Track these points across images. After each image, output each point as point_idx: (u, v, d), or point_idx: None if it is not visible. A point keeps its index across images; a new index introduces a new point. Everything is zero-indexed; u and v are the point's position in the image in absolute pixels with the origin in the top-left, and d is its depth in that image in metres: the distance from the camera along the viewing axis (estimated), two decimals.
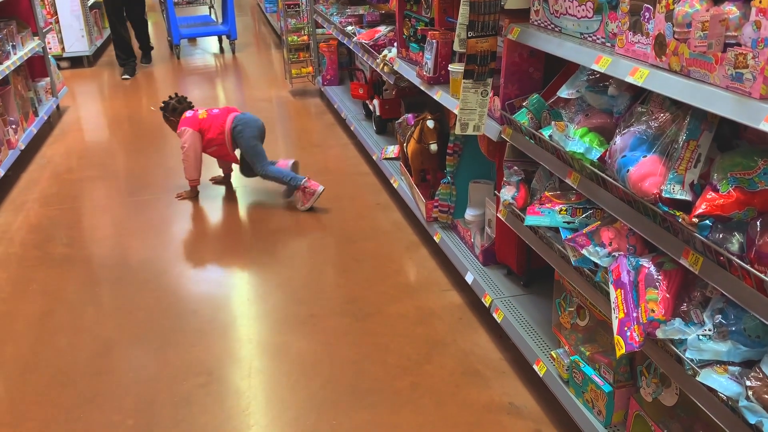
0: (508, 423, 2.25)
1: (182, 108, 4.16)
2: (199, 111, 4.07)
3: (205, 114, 4.03)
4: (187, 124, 4.01)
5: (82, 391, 2.49)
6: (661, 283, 1.63)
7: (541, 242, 2.20)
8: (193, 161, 4.02)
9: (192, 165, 4.04)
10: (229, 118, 3.98)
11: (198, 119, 4.01)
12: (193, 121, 4.01)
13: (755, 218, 1.39)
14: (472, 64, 2.29)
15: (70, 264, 3.45)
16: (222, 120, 3.98)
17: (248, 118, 4.01)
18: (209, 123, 3.98)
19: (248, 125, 3.96)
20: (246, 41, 9.65)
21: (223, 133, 3.96)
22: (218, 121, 3.98)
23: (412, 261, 3.37)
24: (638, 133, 1.68)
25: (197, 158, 4.03)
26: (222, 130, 3.96)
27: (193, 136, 3.97)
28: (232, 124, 3.95)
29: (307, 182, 3.88)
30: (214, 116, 4.01)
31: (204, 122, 3.99)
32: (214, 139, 3.99)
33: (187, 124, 4.01)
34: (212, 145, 4.03)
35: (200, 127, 3.99)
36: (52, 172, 4.75)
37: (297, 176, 3.93)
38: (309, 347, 2.71)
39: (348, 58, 6.14)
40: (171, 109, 4.18)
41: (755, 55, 1.31)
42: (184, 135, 3.98)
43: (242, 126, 3.95)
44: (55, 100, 5.90)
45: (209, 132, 3.98)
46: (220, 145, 4.01)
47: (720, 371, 1.44)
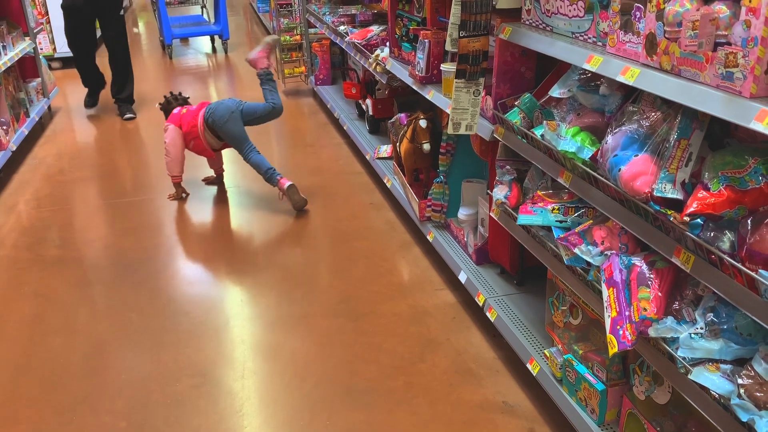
0: (502, 422, 2.26)
1: (176, 105, 4.19)
2: (184, 108, 4.09)
3: (185, 110, 4.05)
4: (171, 120, 4.06)
5: (74, 393, 2.48)
6: (653, 282, 1.63)
7: (533, 241, 2.21)
8: (173, 157, 4.02)
9: (172, 161, 4.04)
10: (202, 110, 3.97)
11: (179, 115, 4.04)
12: (176, 117, 4.05)
13: (746, 217, 1.40)
14: (464, 64, 2.29)
15: (62, 266, 3.44)
16: (195, 113, 3.98)
17: (216, 106, 3.94)
18: (185, 117, 4.00)
19: (216, 112, 3.90)
20: (238, 41, 9.63)
21: (196, 126, 3.95)
22: (192, 114, 3.99)
23: (405, 260, 3.37)
24: (630, 132, 1.69)
25: (177, 154, 4.03)
26: (195, 123, 3.96)
27: (174, 132, 3.99)
28: (204, 116, 3.94)
29: (278, 181, 3.88)
30: (189, 112, 4.02)
31: (183, 117, 4.02)
32: (189, 132, 3.99)
33: (171, 120, 4.06)
34: (189, 140, 4.03)
35: (180, 123, 4.01)
36: (43, 174, 4.73)
37: (274, 174, 3.90)
38: (302, 347, 2.70)
39: (340, 58, 6.13)
40: (165, 105, 4.26)
41: (745, 54, 1.32)
42: (167, 131, 4.02)
43: (211, 116, 3.91)
44: (46, 100, 5.87)
45: (185, 126, 3.99)
46: (195, 138, 4.00)
47: (712, 369, 1.45)
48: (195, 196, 4.21)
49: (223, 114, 3.88)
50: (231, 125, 3.88)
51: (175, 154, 4.02)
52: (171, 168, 4.08)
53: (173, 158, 4.03)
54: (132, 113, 5.89)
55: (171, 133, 3.99)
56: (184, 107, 4.12)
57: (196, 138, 4.00)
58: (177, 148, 4.01)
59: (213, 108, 3.92)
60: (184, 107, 4.12)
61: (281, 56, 6.49)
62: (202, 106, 4.02)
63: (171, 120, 4.05)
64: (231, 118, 3.87)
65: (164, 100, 4.28)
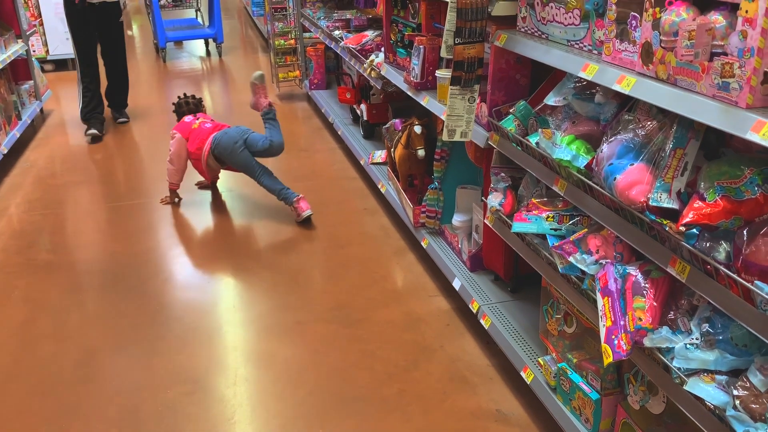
0: (495, 430, 2.25)
1: (186, 110, 4.17)
2: (197, 119, 4.05)
3: (197, 125, 4.00)
4: (179, 129, 4.02)
5: (64, 401, 2.45)
6: (649, 291, 1.63)
7: (528, 249, 2.20)
8: (176, 166, 4.01)
9: (174, 169, 4.03)
10: (210, 138, 3.90)
11: (190, 128, 4.00)
12: (185, 128, 4.01)
13: (742, 227, 1.40)
14: (459, 71, 2.28)
15: (53, 270, 3.41)
16: (205, 137, 3.92)
17: (221, 137, 3.87)
18: (195, 135, 3.96)
19: (221, 144, 3.85)
20: (232, 44, 9.61)
21: (201, 150, 3.92)
22: (201, 136, 3.94)
23: (399, 266, 3.35)
24: (625, 141, 1.68)
25: (180, 164, 4.01)
26: (201, 146, 3.92)
27: (180, 143, 3.97)
28: (211, 146, 3.89)
29: (296, 203, 3.80)
30: (201, 130, 3.97)
31: (193, 132, 3.98)
32: (193, 153, 3.97)
33: (179, 129, 4.02)
34: (191, 158, 4.01)
35: (188, 136, 3.98)
36: (35, 177, 4.69)
37: (289, 193, 3.83)
38: (295, 354, 2.68)
39: (335, 63, 6.12)
40: (177, 107, 4.24)
41: (741, 65, 1.32)
42: (173, 140, 3.99)
43: (217, 147, 3.87)
44: (38, 103, 5.84)
45: (191, 144, 3.96)
46: (197, 160, 3.99)
47: (707, 380, 1.44)
48: (188, 201, 4.19)
49: (227, 145, 3.85)
50: (237, 156, 3.86)
51: (178, 164, 4.00)
52: (171, 176, 4.05)
53: (176, 168, 4.01)
54: (125, 117, 5.80)
55: (177, 143, 3.96)
56: (197, 118, 4.07)
57: (198, 161, 3.98)
58: (181, 159, 3.99)
59: (218, 139, 3.88)
60: (197, 118, 4.07)
61: (276, 60, 6.48)
62: (215, 129, 3.96)
63: (180, 129, 4.00)
64: (235, 148, 3.84)
65: (177, 102, 4.25)
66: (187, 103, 4.23)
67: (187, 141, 3.97)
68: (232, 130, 3.92)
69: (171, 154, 3.98)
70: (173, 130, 4.04)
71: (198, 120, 4.05)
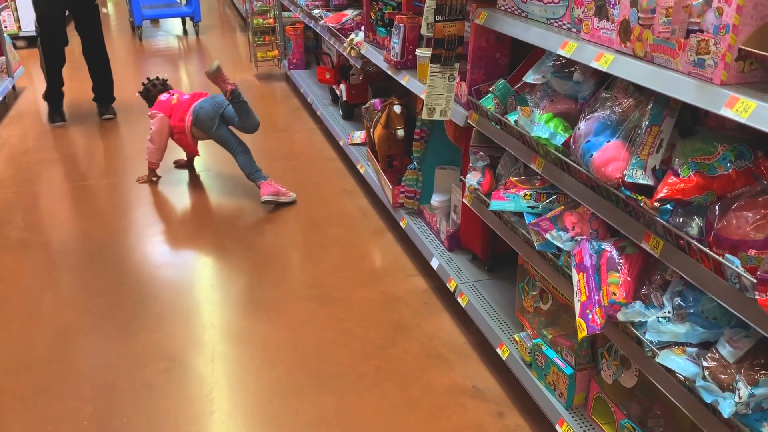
0: (471, 405, 2.27)
1: (156, 91, 4.09)
2: (174, 95, 4.00)
3: (176, 100, 3.96)
4: (159, 108, 3.96)
5: (38, 379, 2.43)
6: (623, 267, 1.65)
7: (505, 227, 2.22)
8: (156, 145, 3.96)
9: (155, 148, 3.98)
10: (190, 109, 3.88)
11: (170, 105, 3.94)
12: (165, 106, 3.95)
13: (714, 202, 1.42)
14: (439, 49, 2.28)
15: (26, 248, 3.35)
16: (186, 108, 3.89)
17: (199, 110, 3.84)
18: (176, 109, 3.92)
19: (200, 118, 3.83)
20: (210, 23, 9.48)
21: (183, 122, 3.88)
22: (182, 108, 3.91)
23: (377, 247, 3.36)
24: (602, 118, 1.70)
25: (161, 143, 3.96)
26: (183, 118, 3.89)
27: (162, 121, 3.91)
28: (191, 117, 3.86)
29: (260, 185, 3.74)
30: (180, 103, 3.93)
31: (174, 108, 3.93)
32: (176, 126, 3.93)
33: (159, 108, 3.96)
34: (175, 132, 3.96)
35: (170, 113, 3.93)
36: (7, 154, 4.60)
37: (258, 175, 3.78)
38: (273, 333, 2.68)
39: (314, 42, 6.07)
40: (144, 92, 4.15)
41: (717, 42, 1.33)
42: (155, 119, 3.93)
43: (197, 119, 3.84)
44: (10, 80, 5.71)
45: (172, 119, 3.92)
46: (181, 133, 3.94)
47: (678, 352, 1.47)
48: (165, 180, 4.14)
49: (205, 121, 3.82)
50: (214, 132, 3.83)
51: (159, 143, 3.95)
52: (152, 155, 4.00)
53: (157, 147, 3.96)
54: (112, 113, 5.34)
55: (159, 122, 3.90)
56: (173, 94, 4.01)
57: (182, 133, 3.93)
58: (162, 138, 3.94)
59: (197, 113, 3.84)
60: (173, 94, 4.01)
61: (254, 39, 6.40)
62: (194, 99, 3.92)
63: (159, 108, 3.94)
64: (212, 125, 3.82)
65: (143, 88, 4.17)
66: (154, 85, 4.15)
67: (170, 118, 3.92)
68: (208, 103, 3.87)
69: (152, 132, 3.92)
70: (152, 110, 3.97)
71: (175, 96, 4.00)
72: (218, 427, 2.21)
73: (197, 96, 3.97)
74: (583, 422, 1.96)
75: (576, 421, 1.96)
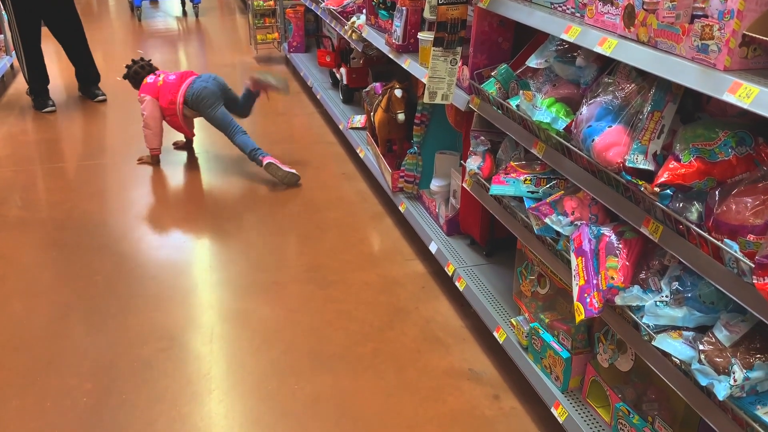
0: (468, 388, 2.29)
1: (144, 73, 4.03)
2: (160, 76, 3.95)
3: (162, 81, 3.91)
4: (147, 91, 3.91)
5: (37, 356, 2.44)
6: (622, 252, 1.66)
7: (504, 212, 2.23)
8: (154, 130, 3.92)
9: (152, 133, 3.94)
10: (181, 89, 3.84)
11: (156, 87, 3.90)
12: (152, 88, 3.90)
13: (714, 188, 1.43)
14: (442, 32, 2.28)
15: (24, 227, 3.35)
16: (175, 89, 3.85)
17: (201, 90, 3.81)
18: (164, 91, 3.88)
19: (202, 95, 3.80)
20: (210, 5, 9.42)
21: (174, 104, 3.85)
22: (170, 89, 3.86)
23: (376, 230, 3.37)
24: (604, 103, 1.70)
25: (157, 126, 3.93)
26: (173, 99, 3.84)
27: (152, 104, 3.87)
28: (183, 97, 3.83)
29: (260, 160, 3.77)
30: (168, 84, 3.88)
31: (160, 89, 3.89)
32: (166, 108, 3.88)
33: (147, 91, 3.91)
34: (166, 115, 3.93)
35: (157, 95, 3.89)
36: (5, 134, 4.59)
37: (259, 152, 3.80)
38: (271, 314, 2.70)
39: (315, 25, 6.04)
40: (132, 74, 4.08)
41: (721, 27, 1.33)
42: (145, 103, 3.88)
43: (199, 97, 3.81)
44: (9, 58, 5.68)
45: (162, 100, 3.88)
46: (172, 116, 3.91)
47: (675, 336, 1.49)
48: (164, 161, 4.13)
49: (207, 99, 3.81)
50: (214, 111, 3.82)
51: (155, 127, 3.91)
52: (150, 141, 3.96)
53: (153, 131, 3.92)
54: (102, 94, 5.29)
55: (149, 105, 3.86)
56: (158, 75, 3.96)
57: (173, 116, 3.90)
58: (156, 120, 3.90)
59: (198, 91, 3.80)
60: (158, 75, 3.96)
61: (254, 21, 6.37)
62: (183, 79, 3.88)
63: (147, 91, 3.90)
64: (214, 104, 3.82)
65: (127, 70, 4.10)
66: (142, 67, 4.07)
67: (158, 100, 3.88)
68: (210, 83, 3.85)
69: (145, 118, 3.88)
70: (140, 94, 3.92)
71: (160, 77, 3.95)
72: (216, 406, 2.23)
73: (185, 76, 3.92)
74: (579, 405, 1.98)
75: (571, 404, 1.98)
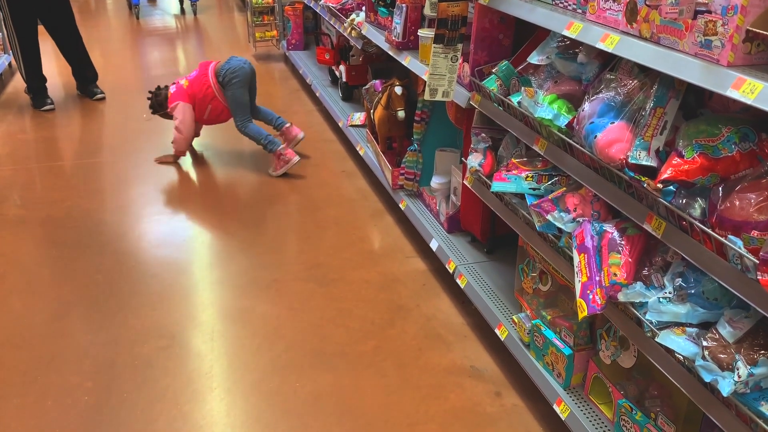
0: (469, 385, 2.29)
1: (164, 92, 4.01)
2: (181, 82, 3.94)
3: (187, 83, 3.90)
4: (177, 97, 3.89)
5: (38, 353, 2.43)
6: (624, 248, 1.66)
7: (505, 209, 2.22)
8: (184, 134, 3.92)
9: (182, 138, 3.93)
10: (210, 69, 3.86)
11: (183, 90, 3.89)
12: (180, 93, 3.89)
13: (717, 184, 1.43)
14: (442, 29, 2.27)
15: (24, 225, 3.35)
16: (203, 77, 3.86)
17: (235, 65, 3.84)
18: (193, 86, 3.88)
19: (235, 74, 3.82)
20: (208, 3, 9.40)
21: (210, 88, 3.85)
22: (199, 81, 3.87)
23: (376, 228, 3.36)
24: (607, 99, 1.70)
25: (189, 132, 3.93)
26: (207, 83, 3.85)
27: (185, 108, 3.87)
28: (216, 76, 3.84)
29: (283, 149, 3.83)
30: (194, 79, 3.90)
31: (189, 88, 3.88)
32: (204, 97, 3.87)
33: (177, 97, 3.89)
34: (205, 105, 3.89)
35: (190, 95, 3.88)
36: (4, 132, 4.57)
37: (274, 140, 3.85)
38: (272, 312, 2.69)
39: (314, 23, 6.03)
40: (159, 103, 4.03)
41: (725, 23, 1.33)
42: (177, 109, 3.87)
43: (229, 72, 3.82)
44: (7, 57, 5.66)
45: (198, 93, 3.87)
46: (213, 99, 3.89)
47: (678, 332, 1.49)
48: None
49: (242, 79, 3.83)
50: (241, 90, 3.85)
51: (186, 132, 3.91)
52: (180, 144, 3.96)
53: (185, 136, 3.93)
54: (101, 92, 5.26)
55: (182, 110, 3.86)
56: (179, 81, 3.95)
57: (214, 99, 3.89)
58: (189, 127, 3.90)
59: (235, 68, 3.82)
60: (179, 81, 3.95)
61: (253, 19, 6.36)
62: (205, 67, 3.88)
63: (176, 98, 3.88)
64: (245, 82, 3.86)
65: (152, 95, 4.06)
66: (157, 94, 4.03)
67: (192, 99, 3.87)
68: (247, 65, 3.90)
69: (178, 122, 3.87)
70: (170, 104, 3.90)
71: (181, 81, 3.95)
72: (218, 404, 2.22)
73: (204, 66, 3.93)
74: (581, 402, 1.98)
75: (573, 401, 1.98)
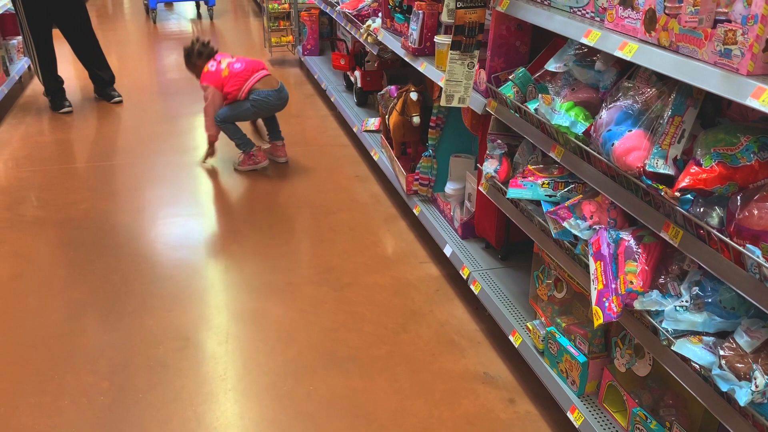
0: (482, 392, 2.29)
1: (207, 53, 4.03)
2: (222, 66, 3.94)
3: (227, 72, 3.90)
4: (210, 80, 3.91)
5: (55, 353, 2.46)
6: (641, 256, 1.66)
7: (521, 215, 2.22)
8: (211, 117, 3.96)
9: (211, 121, 3.97)
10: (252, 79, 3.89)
11: (220, 77, 3.91)
12: (215, 78, 3.91)
13: (736, 193, 1.42)
14: (459, 35, 2.28)
15: (41, 226, 3.39)
16: (241, 80, 3.89)
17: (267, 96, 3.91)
18: (229, 81, 3.90)
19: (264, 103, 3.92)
20: (224, 8, 9.48)
21: (239, 90, 3.88)
22: (238, 80, 3.89)
23: (390, 233, 3.37)
24: (624, 107, 1.70)
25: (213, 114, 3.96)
26: (240, 86, 3.88)
27: (215, 94, 3.90)
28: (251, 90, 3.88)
29: (257, 151, 3.96)
30: (234, 74, 3.90)
31: (225, 80, 3.90)
32: (230, 93, 3.91)
33: (210, 80, 3.91)
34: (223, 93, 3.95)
35: (220, 84, 3.90)
36: (23, 134, 4.63)
37: (250, 142, 3.97)
38: (286, 315, 2.71)
39: (329, 28, 6.07)
40: (197, 54, 4.04)
41: (744, 32, 1.33)
42: (207, 91, 3.91)
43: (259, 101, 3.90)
44: (26, 60, 5.73)
45: (227, 87, 3.90)
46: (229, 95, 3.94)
47: (694, 341, 1.48)
48: (180, 162, 4.16)
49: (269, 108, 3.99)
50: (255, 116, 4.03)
51: (214, 115, 3.95)
52: (209, 127, 4.00)
53: (212, 120, 3.96)
54: (118, 95, 5.33)
55: (212, 94, 3.90)
56: (220, 62, 3.95)
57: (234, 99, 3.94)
58: (216, 109, 3.94)
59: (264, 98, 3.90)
60: (220, 62, 3.95)
61: (269, 24, 6.40)
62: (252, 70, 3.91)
63: (210, 80, 3.90)
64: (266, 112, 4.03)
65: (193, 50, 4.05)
66: (200, 52, 4.04)
67: (223, 87, 3.90)
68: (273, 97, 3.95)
69: (206, 106, 3.93)
70: (203, 83, 3.93)
71: (223, 65, 3.94)
72: (232, 406, 2.24)
73: (254, 67, 3.94)
74: (595, 410, 1.98)
75: (587, 409, 1.97)
